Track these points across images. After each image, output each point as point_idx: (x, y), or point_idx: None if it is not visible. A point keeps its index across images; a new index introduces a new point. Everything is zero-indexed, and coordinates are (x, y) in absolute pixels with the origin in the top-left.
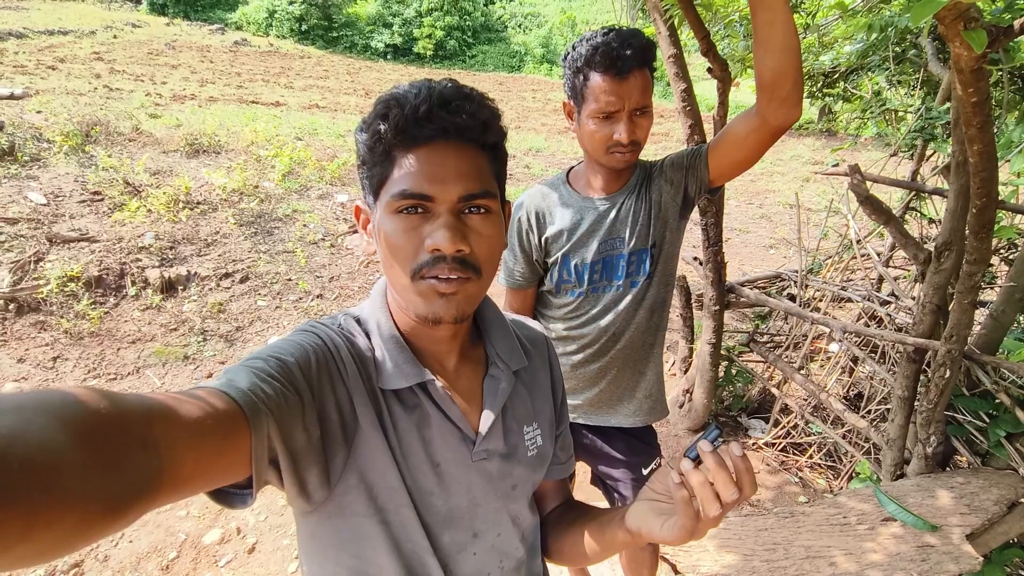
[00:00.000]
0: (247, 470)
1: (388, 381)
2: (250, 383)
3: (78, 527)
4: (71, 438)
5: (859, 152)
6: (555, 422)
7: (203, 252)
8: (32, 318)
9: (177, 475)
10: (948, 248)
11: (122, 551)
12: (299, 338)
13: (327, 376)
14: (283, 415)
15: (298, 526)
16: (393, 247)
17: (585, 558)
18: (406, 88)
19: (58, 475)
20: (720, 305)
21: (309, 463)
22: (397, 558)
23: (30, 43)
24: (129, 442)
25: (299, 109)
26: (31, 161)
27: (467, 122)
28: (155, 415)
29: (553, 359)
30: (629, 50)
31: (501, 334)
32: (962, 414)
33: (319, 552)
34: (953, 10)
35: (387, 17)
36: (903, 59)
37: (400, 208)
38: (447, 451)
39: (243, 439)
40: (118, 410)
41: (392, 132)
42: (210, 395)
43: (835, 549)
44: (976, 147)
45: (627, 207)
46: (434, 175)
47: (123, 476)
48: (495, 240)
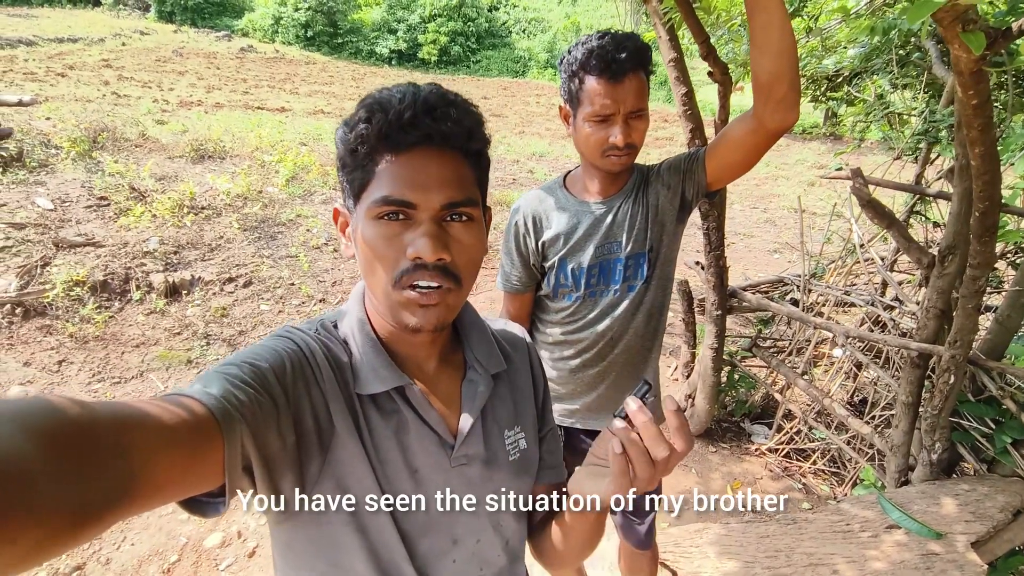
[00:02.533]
0: (220, 478)
1: (365, 386)
2: (223, 390)
3: (48, 538)
4: (39, 447)
5: (864, 156)
6: (538, 424)
7: (207, 257)
8: (38, 322)
9: (149, 484)
10: (952, 252)
11: (124, 554)
12: (274, 343)
13: (302, 381)
14: (257, 422)
15: (272, 535)
16: (374, 253)
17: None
18: (390, 92)
19: (27, 485)
20: (722, 310)
21: (284, 470)
22: (374, 565)
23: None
24: (100, 450)
25: (304, 115)
26: (39, 167)
27: (452, 129)
28: (127, 423)
29: (535, 362)
30: (624, 53)
31: (479, 338)
32: (967, 420)
33: (293, 560)
34: (951, 12)
35: (392, 23)
36: (907, 62)
37: (381, 214)
38: (425, 456)
39: (216, 447)
40: (88, 418)
41: (375, 137)
42: (183, 402)
43: (838, 556)
44: (977, 150)
45: (624, 211)
46: (417, 182)
47: (94, 485)
48: (476, 248)
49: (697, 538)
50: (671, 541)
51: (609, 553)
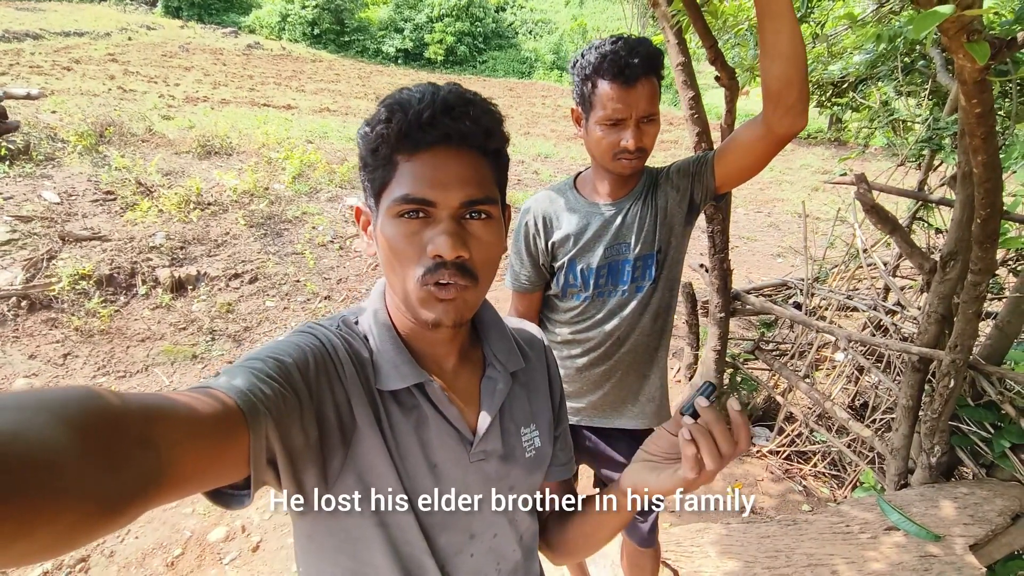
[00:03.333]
0: (245, 470)
1: (386, 382)
2: (248, 383)
3: (77, 525)
4: (71, 436)
5: (868, 162)
6: (553, 423)
7: (213, 252)
8: (44, 315)
9: (176, 474)
10: (954, 258)
11: (128, 547)
12: (297, 339)
13: (325, 377)
14: (281, 416)
15: (294, 527)
16: (394, 251)
17: (587, 544)
18: (410, 92)
19: (58, 473)
20: (726, 312)
21: (307, 464)
22: (394, 559)
23: (46, 44)
24: (129, 441)
25: (310, 112)
26: (45, 160)
27: (470, 128)
28: (155, 415)
29: (551, 361)
30: (637, 58)
31: (498, 336)
32: (967, 424)
33: (315, 553)
34: (956, 22)
35: (399, 22)
36: (912, 69)
37: (402, 212)
38: (444, 452)
39: (242, 439)
40: (118, 409)
41: (395, 136)
42: (209, 395)
43: (837, 557)
44: (980, 157)
45: (633, 213)
46: (436, 180)
47: (122, 475)
48: (495, 246)
49: (698, 538)
50: (672, 540)
51: (611, 551)
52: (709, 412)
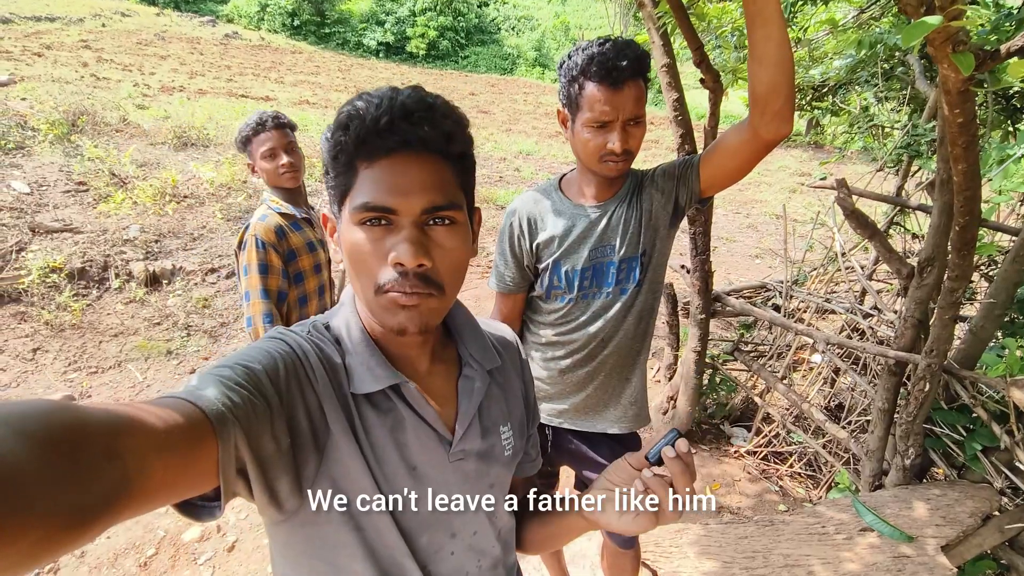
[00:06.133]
0: (215, 481)
1: (360, 385)
2: (217, 392)
3: (43, 542)
4: (34, 451)
5: (845, 166)
6: (526, 424)
7: (189, 246)
8: (12, 308)
9: (144, 487)
10: (931, 264)
11: (99, 547)
12: (267, 345)
13: (296, 383)
14: (251, 424)
15: (270, 535)
16: (357, 259)
17: (552, 544)
18: (369, 97)
19: (21, 489)
20: (706, 313)
21: (279, 472)
22: (372, 564)
23: (16, 29)
24: (94, 454)
25: (289, 105)
26: (15, 149)
27: (430, 133)
28: (120, 426)
29: (524, 362)
30: (624, 61)
31: (472, 335)
32: (940, 427)
33: (292, 560)
34: (943, 33)
35: (380, 15)
36: (891, 76)
37: (363, 220)
38: (423, 453)
39: (210, 449)
40: (82, 421)
41: (354, 144)
42: (176, 405)
43: (813, 558)
44: (961, 166)
45: (618, 215)
46: (396, 187)
47: (89, 489)
48: (459, 252)
49: (677, 539)
50: (652, 541)
51: (591, 552)
52: (674, 464)
